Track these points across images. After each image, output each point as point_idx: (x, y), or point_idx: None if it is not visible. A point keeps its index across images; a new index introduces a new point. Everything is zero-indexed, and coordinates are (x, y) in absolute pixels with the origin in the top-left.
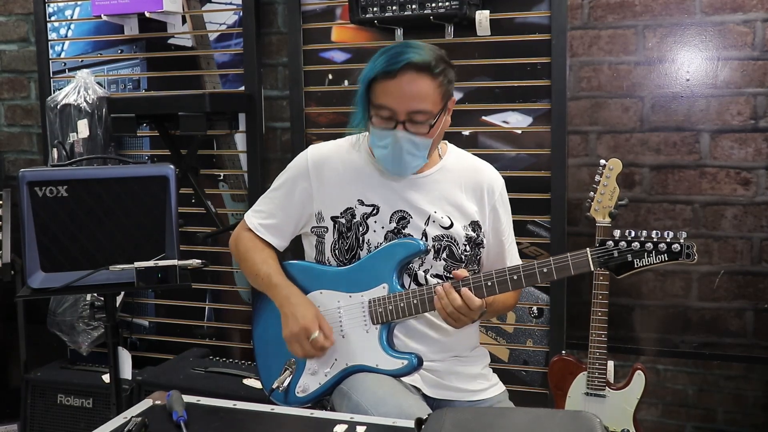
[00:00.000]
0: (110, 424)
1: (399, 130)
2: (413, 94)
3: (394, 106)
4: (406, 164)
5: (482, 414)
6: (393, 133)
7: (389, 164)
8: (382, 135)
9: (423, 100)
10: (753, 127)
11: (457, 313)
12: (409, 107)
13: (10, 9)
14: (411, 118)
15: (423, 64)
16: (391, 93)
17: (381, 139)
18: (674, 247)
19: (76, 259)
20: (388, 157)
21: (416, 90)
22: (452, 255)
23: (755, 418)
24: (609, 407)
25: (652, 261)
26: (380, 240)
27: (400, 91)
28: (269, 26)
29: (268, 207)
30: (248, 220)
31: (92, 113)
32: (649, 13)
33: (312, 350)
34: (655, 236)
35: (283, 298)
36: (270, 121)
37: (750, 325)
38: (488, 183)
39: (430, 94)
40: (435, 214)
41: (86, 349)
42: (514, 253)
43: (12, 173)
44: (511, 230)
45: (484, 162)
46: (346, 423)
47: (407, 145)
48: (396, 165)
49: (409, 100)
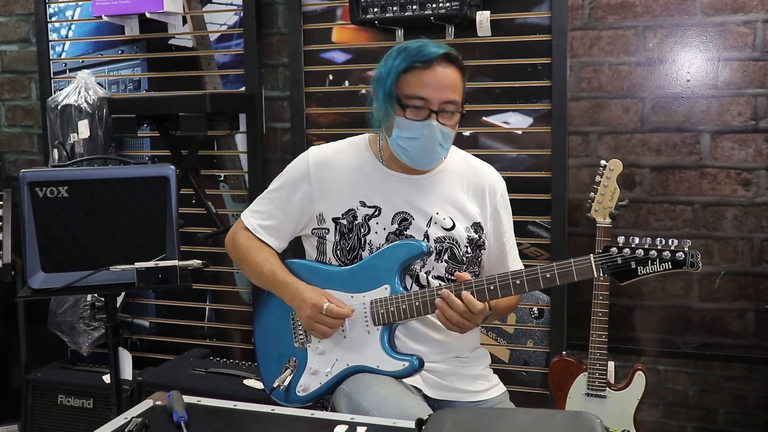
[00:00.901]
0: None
1: (433, 120)
2: (447, 84)
3: (430, 96)
4: (436, 155)
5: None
6: (427, 123)
7: (418, 155)
8: (413, 126)
9: (454, 91)
10: (753, 127)
11: (460, 319)
12: (444, 97)
13: (11, 9)
14: (443, 108)
15: (454, 56)
16: (428, 83)
17: (411, 131)
18: (678, 255)
19: (77, 259)
20: (418, 148)
21: (450, 80)
22: (454, 257)
23: (756, 418)
24: (609, 408)
25: (656, 269)
26: (382, 241)
27: (436, 79)
28: (270, 27)
29: (267, 208)
30: (246, 220)
31: (93, 114)
32: (649, 13)
33: (332, 321)
34: (660, 244)
35: (290, 293)
36: (270, 122)
37: (751, 326)
38: (490, 184)
39: (458, 85)
40: (437, 216)
41: (87, 349)
42: (515, 254)
43: (13, 174)
44: (512, 232)
45: (486, 163)
46: (346, 423)
47: (439, 135)
48: (427, 156)
49: (444, 89)
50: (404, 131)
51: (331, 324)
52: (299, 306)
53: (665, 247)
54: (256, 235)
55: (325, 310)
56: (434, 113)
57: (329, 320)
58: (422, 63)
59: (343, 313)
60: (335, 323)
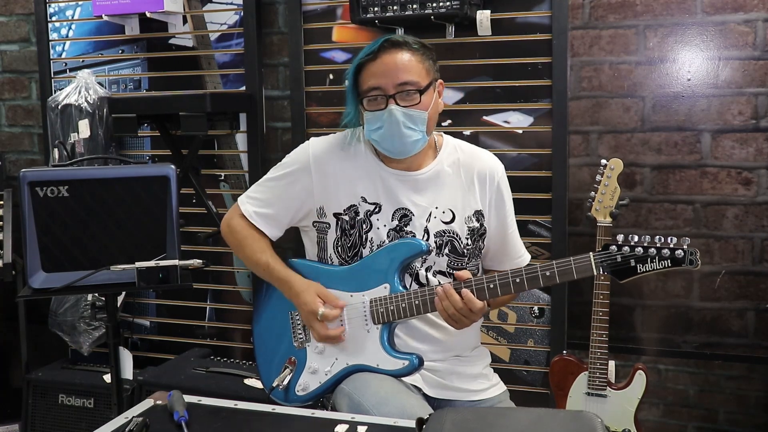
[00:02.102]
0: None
1: (391, 105)
2: (397, 66)
3: (381, 83)
4: (407, 138)
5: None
6: (387, 110)
7: (389, 143)
8: (375, 117)
9: (407, 71)
10: (754, 126)
11: (459, 315)
12: (396, 79)
13: (11, 9)
14: (400, 90)
15: (399, 40)
16: (376, 72)
17: (375, 122)
18: (677, 253)
19: (77, 259)
20: (386, 136)
21: (399, 61)
22: (454, 250)
23: (757, 418)
24: (610, 407)
25: (656, 267)
26: (383, 238)
27: (383, 66)
28: (270, 26)
29: (265, 195)
30: (243, 206)
31: (93, 113)
32: (650, 12)
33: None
34: (659, 242)
35: (288, 290)
36: (271, 121)
37: (751, 325)
38: (488, 169)
39: (413, 66)
40: (436, 210)
41: (87, 349)
42: (517, 239)
43: (13, 173)
44: (513, 216)
45: (482, 149)
46: (347, 423)
47: (402, 117)
48: (397, 141)
49: (394, 73)
50: (370, 124)
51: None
52: (296, 305)
53: (664, 245)
54: (252, 222)
55: (320, 315)
56: (391, 98)
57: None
58: (368, 56)
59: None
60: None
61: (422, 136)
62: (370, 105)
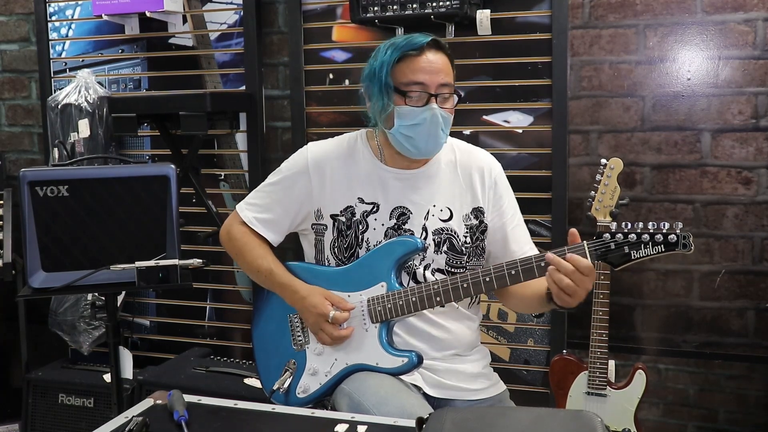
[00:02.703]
0: (111, 424)
1: (433, 103)
2: (441, 68)
3: (427, 80)
4: (440, 140)
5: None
6: (428, 108)
7: (423, 142)
8: (414, 113)
9: (447, 75)
10: (754, 126)
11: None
12: (439, 80)
13: (11, 9)
14: (440, 92)
15: (441, 42)
16: (422, 68)
17: (413, 118)
18: (671, 237)
19: (77, 258)
20: (423, 134)
21: (443, 63)
22: (453, 248)
23: (757, 417)
24: (610, 407)
25: (649, 252)
26: (380, 237)
27: (429, 65)
28: (270, 26)
29: (264, 201)
30: (242, 213)
31: (93, 113)
32: (650, 12)
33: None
34: (652, 227)
35: (290, 296)
36: (271, 121)
37: (751, 325)
38: (485, 166)
39: (450, 70)
40: (434, 208)
41: (87, 348)
42: (522, 235)
43: (13, 173)
44: (515, 212)
45: (479, 148)
46: (347, 422)
47: (441, 119)
48: (432, 141)
49: (438, 73)
50: (407, 119)
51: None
52: (302, 311)
53: (657, 230)
54: (252, 229)
55: (331, 319)
56: (433, 97)
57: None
58: (414, 51)
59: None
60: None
61: (446, 139)
62: (410, 100)
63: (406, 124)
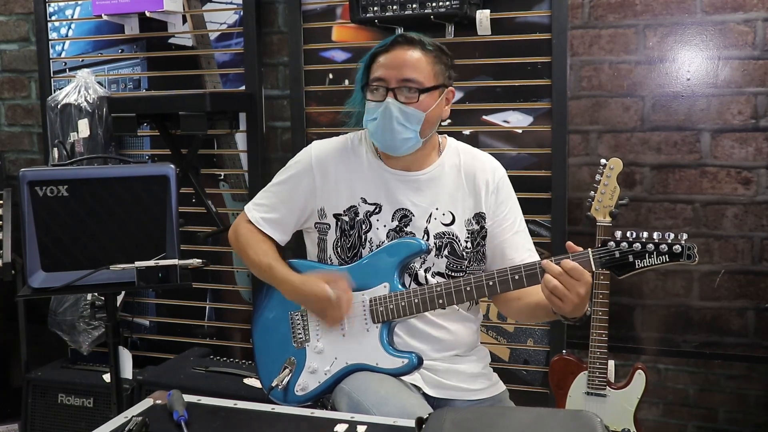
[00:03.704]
0: (111, 424)
1: (389, 98)
2: (404, 63)
3: (386, 75)
4: (397, 134)
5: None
6: (384, 103)
7: (380, 136)
8: (374, 108)
9: (413, 69)
10: (754, 126)
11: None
12: (400, 74)
13: (11, 9)
14: (401, 85)
15: (413, 37)
16: (384, 64)
17: (373, 112)
18: (675, 248)
19: (77, 258)
20: (378, 128)
21: (407, 58)
22: (454, 252)
23: (756, 417)
24: (610, 407)
25: (654, 262)
26: (382, 238)
27: (391, 60)
28: (270, 26)
29: (270, 201)
30: (249, 213)
31: (93, 113)
32: (649, 12)
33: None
34: (657, 237)
35: (289, 289)
36: (271, 121)
37: (751, 325)
38: (490, 171)
39: (421, 65)
40: (436, 212)
41: (87, 348)
42: (524, 241)
43: (13, 173)
44: (518, 218)
45: (482, 151)
46: (346, 422)
47: (396, 112)
48: (388, 135)
49: (399, 67)
50: (368, 114)
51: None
52: (303, 302)
53: (662, 240)
54: (258, 228)
55: (335, 299)
56: (390, 91)
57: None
58: (382, 48)
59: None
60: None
61: (414, 136)
62: (371, 95)
63: (367, 119)
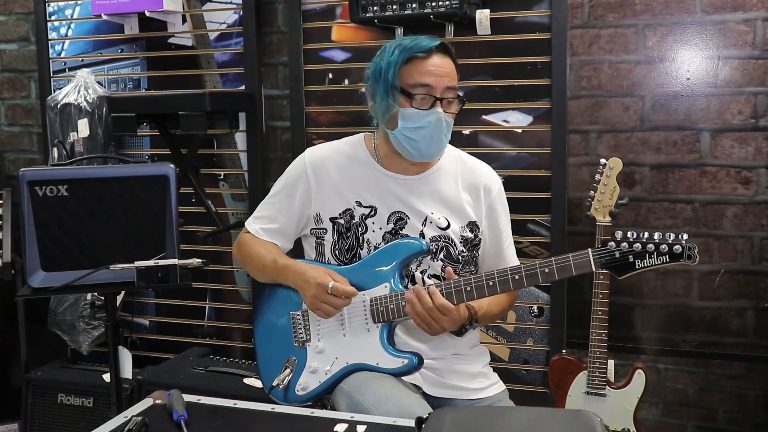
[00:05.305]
0: (111, 424)
1: (438, 107)
2: (447, 72)
3: (433, 83)
4: (442, 144)
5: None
6: (433, 111)
7: (426, 145)
8: (420, 115)
9: (453, 79)
10: (753, 126)
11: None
12: (445, 83)
13: (11, 8)
14: (445, 96)
15: (449, 47)
16: (429, 71)
17: (418, 121)
18: (675, 248)
19: (77, 258)
20: (426, 137)
21: (449, 68)
22: (449, 256)
23: (756, 417)
24: (609, 406)
25: (654, 262)
26: (379, 241)
27: (436, 68)
28: (269, 25)
29: (269, 212)
30: (250, 227)
31: (92, 112)
32: (649, 12)
33: (336, 301)
34: (657, 237)
35: (293, 274)
36: (270, 121)
37: (751, 324)
38: (485, 182)
39: (455, 75)
40: (432, 215)
41: (87, 348)
42: (512, 254)
43: (12, 173)
44: (509, 232)
45: (482, 162)
46: (346, 422)
47: (445, 124)
48: (434, 145)
49: (444, 77)
50: (411, 121)
51: (335, 303)
52: (303, 286)
53: (662, 240)
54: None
55: (330, 288)
56: (439, 101)
57: (334, 299)
58: (422, 53)
59: (348, 291)
60: (340, 303)
61: (446, 144)
62: (416, 102)
63: (410, 127)
